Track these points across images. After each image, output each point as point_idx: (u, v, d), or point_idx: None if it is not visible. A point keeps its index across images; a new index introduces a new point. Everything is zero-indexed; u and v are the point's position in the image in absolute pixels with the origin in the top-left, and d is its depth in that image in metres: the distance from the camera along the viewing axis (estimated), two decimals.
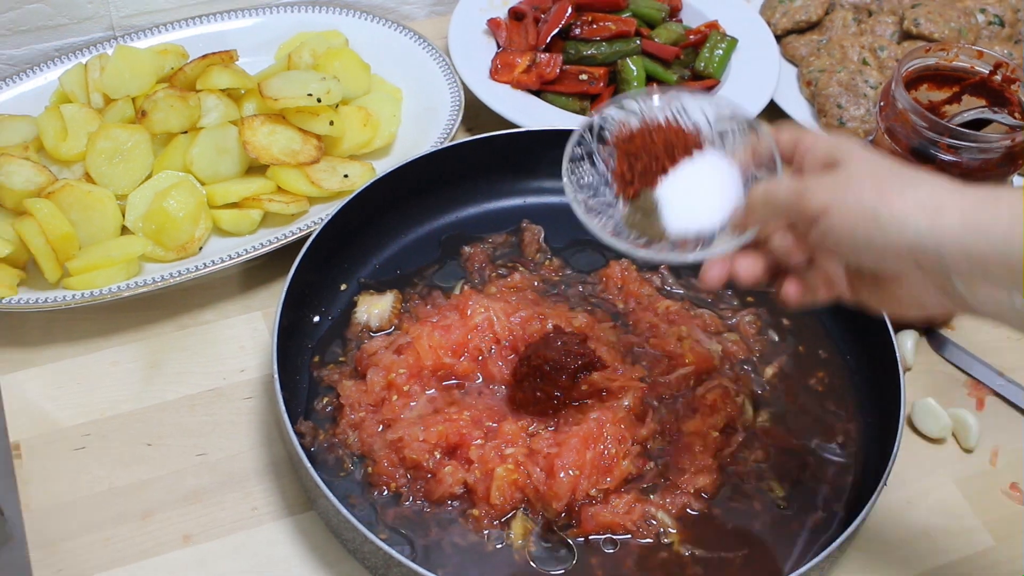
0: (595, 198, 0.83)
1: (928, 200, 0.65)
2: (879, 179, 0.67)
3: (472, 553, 0.86)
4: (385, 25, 1.29)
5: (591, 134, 0.84)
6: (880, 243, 0.66)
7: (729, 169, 0.80)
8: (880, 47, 1.31)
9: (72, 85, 1.15)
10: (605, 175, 0.83)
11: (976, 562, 0.92)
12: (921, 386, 1.04)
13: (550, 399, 0.91)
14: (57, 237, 1.01)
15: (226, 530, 0.90)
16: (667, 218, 0.79)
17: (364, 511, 0.88)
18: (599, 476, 0.88)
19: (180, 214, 1.05)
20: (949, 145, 0.92)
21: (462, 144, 1.10)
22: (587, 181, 0.84)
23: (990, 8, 1.35)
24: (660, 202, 0.80)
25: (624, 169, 0.82)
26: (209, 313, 1.06)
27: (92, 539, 0.88)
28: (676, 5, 1.35)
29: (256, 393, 0.99)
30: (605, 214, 0.82)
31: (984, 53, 0.98)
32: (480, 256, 1.08)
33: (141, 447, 0.95)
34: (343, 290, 1.05)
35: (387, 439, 0.90)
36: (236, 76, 1.15)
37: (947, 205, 0.64)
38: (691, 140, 0.80)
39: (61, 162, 1.10)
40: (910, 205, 0.65)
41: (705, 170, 0.80)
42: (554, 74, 1.24)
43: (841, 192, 0.68)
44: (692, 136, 0.81)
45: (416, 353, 0.94)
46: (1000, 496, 0.96)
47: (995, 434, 1.00)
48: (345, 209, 1.02)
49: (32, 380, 0.99)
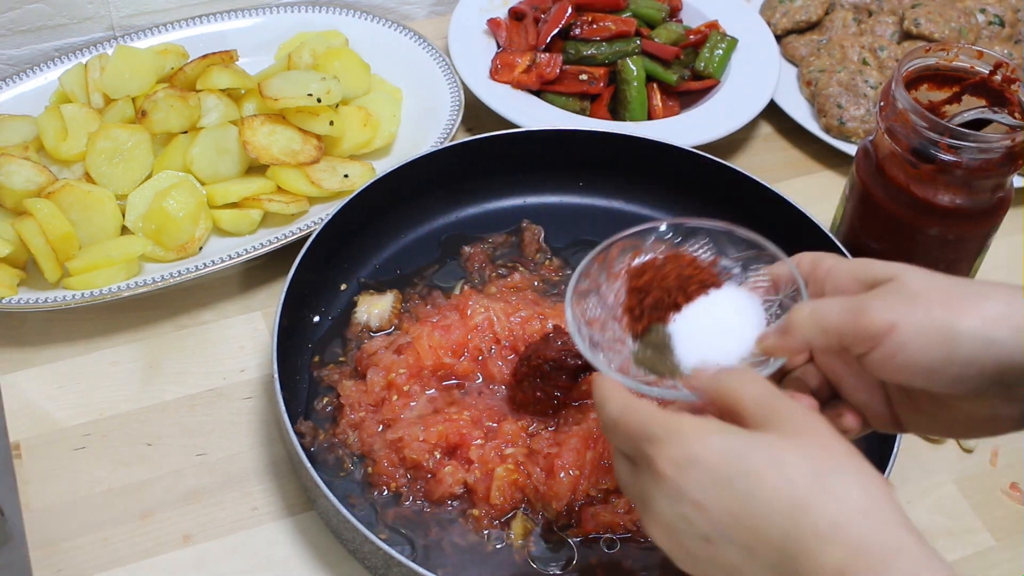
0: (602, 333, 0.76)
1: (1006, 310, 0.61)
2: (947, 294, 0.62)
3: (472, 553, 0.86)
4: (385, 25, 1.29)
5: (597, 266, 0.78)
6: (961, 361, 0.61)
7: (749, 300, 0.73)
8: (880, 47, 1.31)
9: (72, 85, 1.15)
10: (614, 309, 0.76)
11: (976, 562, 0.92)
12: None
13: (550, 399, 0.91)
14: (57, 237, 1.01)
15: (226, 530, 0.90)
16: (681, 355, 0.72)
17: (364, 511, 0.88)
18: (599, 476, 0.88)
19: (180, 214, 1.05)
20: (949, 145, 0.92)
21: (462, 144, 1.10)
22: (594, 315, 0.77)
23: (990, 8, 1.35)
24: (673, 338, 0.73)
25: (633, 304, 0.75)
26: (209, 313, 1.06)
27: (92, 539, 0.88)
28: (676, 5, 1.35)
29: (256, 393, 0.99)
30: (613, 349, 0.75)
31: (984, 53, 0.98)
32: (480, 256, 1.08)
33: (141, 447, 0.95)
34: (343, 290, 1.05)
35: (387, 439, 0.90)
36: (236, 76, 1.15)
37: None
38: (706, 274, 0.74)
39: (61, 162, 1.10)
40: (988, 318, 0.60)
41: (722, 303, 0.73)
42: (554, 74, 1.24)
43: (907, 308, 0.61)
44: (707, 269, 0.75)
45: (416, 353, 0.94)
46: (1000, 496, 0.96)
47: None
48: (345, 209, 1.02)
49: (32, 380, 0.99)
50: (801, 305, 0.67)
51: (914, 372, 0.62)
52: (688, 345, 0.72)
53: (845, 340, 0.64)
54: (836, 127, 1.24)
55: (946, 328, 0.61)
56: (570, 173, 1.14)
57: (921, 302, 0.62)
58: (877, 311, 0.62)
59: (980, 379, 0.61)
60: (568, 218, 1.13)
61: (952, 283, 0.63)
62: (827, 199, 1.12)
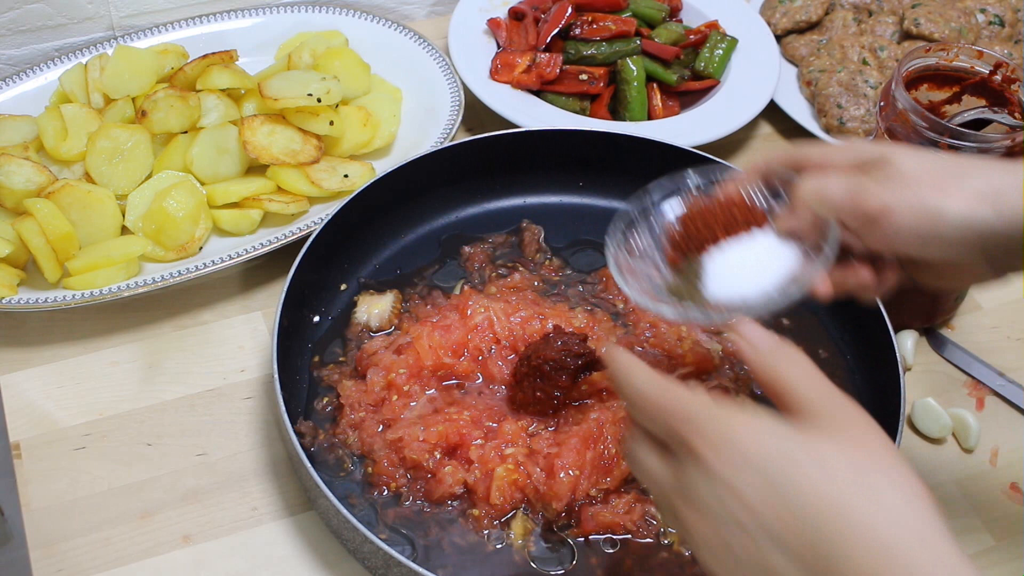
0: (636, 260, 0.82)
1: (987, 188, 0.67)
2: (934, 175, 0.69)
3: (472, 553, 0.86)
4: (385, 25, 1.29)
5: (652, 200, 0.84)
6: (948, 238, 0.68)
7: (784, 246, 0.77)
8: (880, 47, 1.31)
9: (72, 85, 1.15)
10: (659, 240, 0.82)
11: (976, 562, 0.91)
12: (921, 386, 1.04)
13: (550, 399, 0.91)
14: (57, 237, 1.01)
15: (225, 530, 0.90)
16: (710, 284, 0.77)
17: (364, 511, 0.88)
18: (599, 476, 0.88)
19: (180, 214, 1.05)
20: (949, 145, 0.92)
21: (462, 144, 1.10)
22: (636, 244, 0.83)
23: (990, 8, 1.35)
24: (705, 268, 0.78)
25: (678, 238, 0.80)
26: (209, 313, 1.06)
27: (92, 539, 0.88)
28: (676, 5, 1.36)
29: (256, 393, 0.99)
30: (643, 276, 0.81)
31: (984, 53, 0.98)
32: (480, 256, 1.08)
33: (141, 447, 0.95)
34: (343, 290, 1.05)
35: (387, 439, 0.90)
36: (236, 76, 1.15)
37: (1006, 190, 0.67)
38: (752, 215, 0.79)
39: (61, 162, 1.10)
40: (971, 197, 0.67)
41: (759, 242, 0.78)
42: (554, 74, 1.24)
43: (899, 192, 0.69)
44: (754, 210, 0.79)
45: (416, 353, 0.94)
46: (1000, 496, 0.96)
47: (995, 434, 1.00)
48: (345, 209, 1.02)
49: (32, 380, 0.99)
50: (806, 180, 0.73)
51: (906, 245, 0.70)
52: (719, 276, 0.77)
53: (844, 217, 0.71)
54: (836, 127, 1.24)
55: (935, 210, 0.68)
56: (570, 173, 1.14)
57: (912, 184, 0.68)
58: (872, 193, 0.69)
59: (965, 249, 0.69)
60: (568, 218, 1.13)
61: (940, 163, 0.70)
62: None
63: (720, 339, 1.01)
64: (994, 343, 1.08)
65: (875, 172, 0.71)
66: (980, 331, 1.09)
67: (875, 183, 0.70)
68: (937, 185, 0.68)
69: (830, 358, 1.02)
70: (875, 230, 0.70)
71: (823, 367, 0.99)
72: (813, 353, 1.02)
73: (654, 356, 0.98)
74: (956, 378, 1.05)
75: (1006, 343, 1.08)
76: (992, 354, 1.06)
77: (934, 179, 0.68)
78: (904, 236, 0.69)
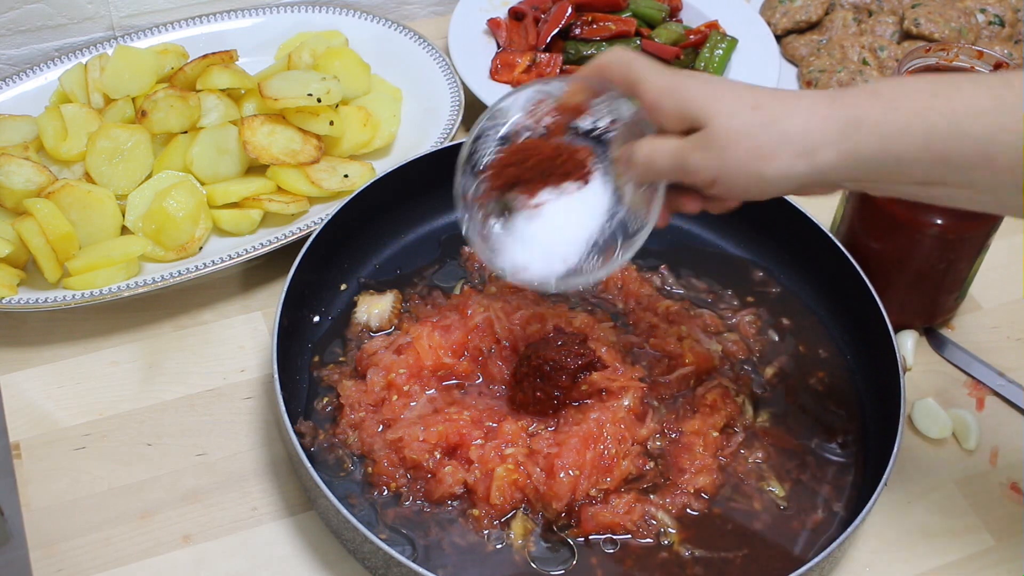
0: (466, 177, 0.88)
1: (802, 144, 0.73)
2: (751, 139, 0.74)
3: (472, 553, 0.86)
4: (385, 25, 1.29)
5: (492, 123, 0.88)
6: (773, 191, 0.77)
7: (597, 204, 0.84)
8: (880, 47, 1.31)
9: (72, 85, 1.15)
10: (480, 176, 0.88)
11: (976, 562, 0.92)
12: (921, 386, 1.04)
13: (550, 399, 0.91)
14: (57, 237, 1.01)
15: (225, 530, 0.90)
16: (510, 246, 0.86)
17: (364, 511, 0.88)
18: (599, 476, 0.88)
19: (180, 214, 1.05)
20: None
21: (462, 144, 1.09)
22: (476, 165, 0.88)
23: (990, 8, 1.35)
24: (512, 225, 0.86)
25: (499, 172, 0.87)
26: (209, 313, 1.06)
27: (92, 539, 0.88)
28: (676, 5, 1.36)
29: (256, 393, 0.99)
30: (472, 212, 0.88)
31: (984, 53, 0.98)
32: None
33: (141, 447, 0.95)
34: (343, 290, 1.05)
35: (387, 439, 0.90)
36: (236, 76, 1.15)
37: (820, 146, 0.73)
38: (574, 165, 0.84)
39: (61, 162, 1.10)
40: (789, 157, 0.74)
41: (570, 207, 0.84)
42: (554, 74, 1.24)
43: (721, 160, 0.75)
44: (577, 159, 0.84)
45: (416, 353, 0.94)
46: (1000, 496, 0.96)
47: (995, 434, 1.00)
48: (345, 209, 1.02)
49: (32, 380, 0.99)
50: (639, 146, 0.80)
51: (733, 197, 0.81)
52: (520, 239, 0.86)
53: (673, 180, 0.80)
54: None
55: (757, 174, 0.75)
56: None
57: (731, 152, 0.75)
58: (697, 164, 0.76)
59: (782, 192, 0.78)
60: None
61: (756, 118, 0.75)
62: (827, 199, 1.12)
63: (720, 339, 1.01)
64: (994, 343, 1.08)
65: (698, 138, 0.76)
66: (980, 331, 1.09)
67: (699, 151, 0.76)
68: (755, 150, 0.74)
69: (830, 358, 1.02)
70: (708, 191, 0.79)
71: (823, 367, 1.01)
72: (813, 353, 1.02)
73: (654, 356, 0.98)
74: (956, 378, 1.05)
75: (1006, 343, 1.08)
76: (992, 354, 1.06)
77: (752, 145, 0.74)
78: (731, 194, 0.78)
